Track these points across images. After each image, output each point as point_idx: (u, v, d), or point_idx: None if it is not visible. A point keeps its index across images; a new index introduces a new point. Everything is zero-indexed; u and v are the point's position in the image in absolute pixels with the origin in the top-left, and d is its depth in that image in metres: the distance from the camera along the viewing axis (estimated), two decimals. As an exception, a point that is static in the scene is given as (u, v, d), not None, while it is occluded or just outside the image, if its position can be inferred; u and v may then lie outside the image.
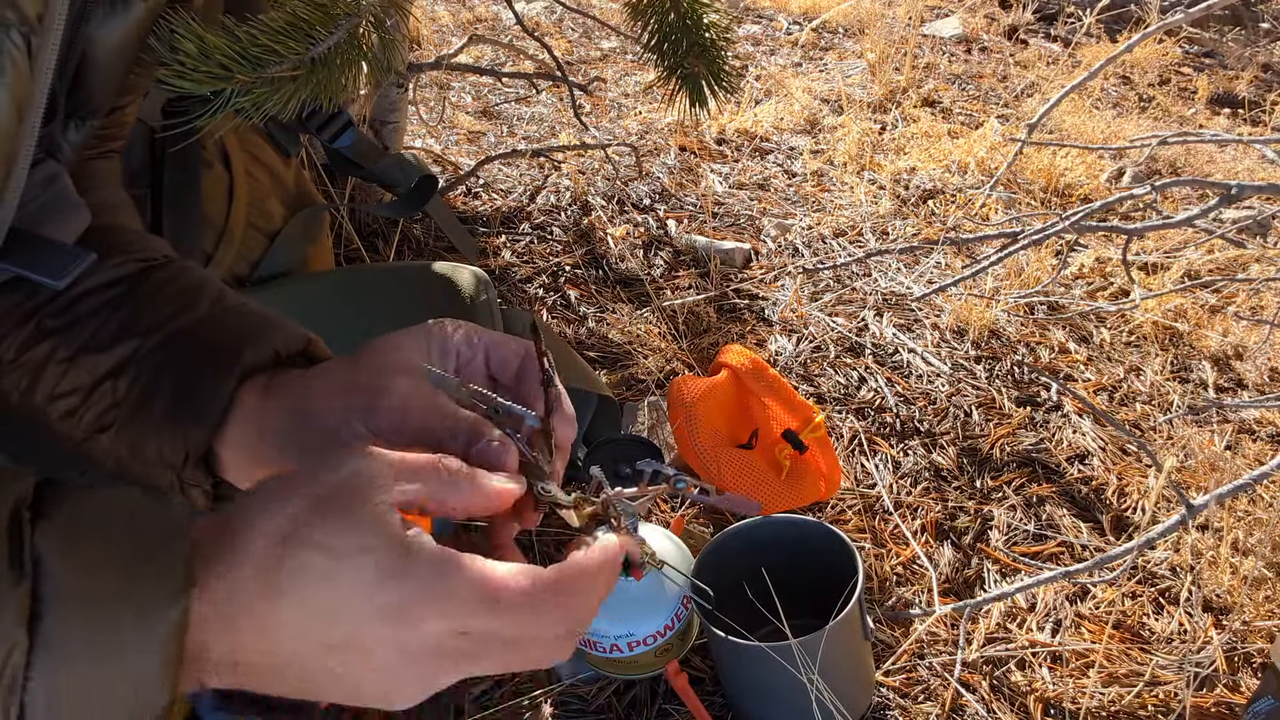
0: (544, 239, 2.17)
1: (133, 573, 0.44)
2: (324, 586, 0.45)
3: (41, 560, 0.43)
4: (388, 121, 2.08)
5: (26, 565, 0.43)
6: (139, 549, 0.44)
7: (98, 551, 0.44)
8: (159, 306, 0.68)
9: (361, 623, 0.45)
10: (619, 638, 1.09)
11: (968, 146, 2.66)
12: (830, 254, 2.20)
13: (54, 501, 0.45)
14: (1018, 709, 1.25)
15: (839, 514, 1.53)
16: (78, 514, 0.45)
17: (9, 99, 0.53)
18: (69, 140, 0.68)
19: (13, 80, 0.53)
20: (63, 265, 0.62)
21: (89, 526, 0.45)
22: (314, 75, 0.61)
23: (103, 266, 0.69)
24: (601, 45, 3.44)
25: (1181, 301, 2.04)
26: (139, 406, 0.65)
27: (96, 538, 0.44)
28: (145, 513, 0.46)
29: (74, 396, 0.66)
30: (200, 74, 0.60)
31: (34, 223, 0.66)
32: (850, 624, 1.13)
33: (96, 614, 0.43)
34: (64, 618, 0.42)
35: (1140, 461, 1.65)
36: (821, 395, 1.76)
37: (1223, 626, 1.36)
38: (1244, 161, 2.78)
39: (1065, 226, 1.36)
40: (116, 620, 0.43)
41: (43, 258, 0.63)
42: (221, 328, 0.67)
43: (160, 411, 0.64)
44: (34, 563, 0.43)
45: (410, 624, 0.45)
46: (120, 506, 0.46)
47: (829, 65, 3.34)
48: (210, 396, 0.63)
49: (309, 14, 0.61)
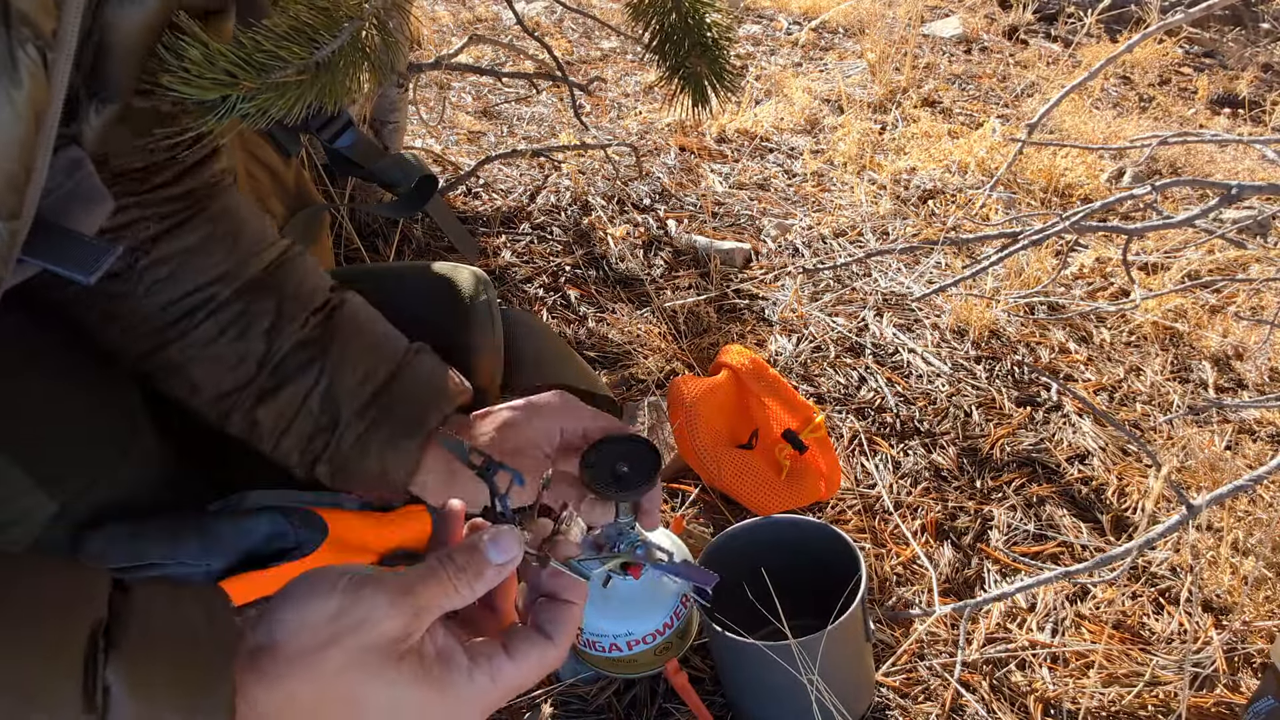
0: (544, 239, 2.18)
1: (184, 707, 0.51)
2: (367, 708, 0.56)
3: (110, 691, 0.49)
4: (388, 121, 2.08)
5: (98, 700, 0.49)
6: (190, 687, 0.51)
7: (159, 685, 0.51)
8: (351, 371, 0.86)
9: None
10: (618, 636, 1.08)
11: (968, 146, 2.66)
12: (830, 254, 2.21)
13: (121, 627, 0.51)
14: (1018, 709, 1.25)
15: (839, 514, 1.53)
16: (144, 642, 0.52)
17: (29, 109, 0.55)
18: (90, 124, 0.70)
19: (31, 91, 0.54)
20: (92, 261, 0.66)
21: (153, 658, 0.51)
22: (319, 79, 0.61)
23: (291, 325, 0.85)
24: (601, 45, 3.44)
25: (1181, 301, 2.04)
26: (355, 458, 0.85)
27: (155, 671, 0.51)
28: (201, 642, 0.53)
29: (295, 445, 0.85)
30: (205, 80, 0.60)
31: (59, 212, 0.67)
32: (852, 625, 1.13)
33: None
34: None
35: (1140, 461, 1.65)
36: (821, 395, 1.76)
37: (1223, 626, 1.36)
38: (1244, 161, 2.78)
39: (1065, 226, 1.36)
40: None
41: (71, 253, 0.66)
42: (409, 395, 0.86)
43: (371, 461, 0.84)
44: (105, 692, 0.49)
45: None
46: (175, 637, 0.53)
47: (829, 65, 3.34)
48: (408, 455, 0.84)
49: (312, 18, 0.61)
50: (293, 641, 0.55)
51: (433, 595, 0.57)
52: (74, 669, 0.49)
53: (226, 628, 0.55)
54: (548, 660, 0.60)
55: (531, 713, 1.22)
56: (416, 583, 0.57)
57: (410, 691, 0.56)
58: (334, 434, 0.85)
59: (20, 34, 0.53)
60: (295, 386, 0.84)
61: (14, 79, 0.53)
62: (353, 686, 0.55)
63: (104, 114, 0.70)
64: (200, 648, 0.53)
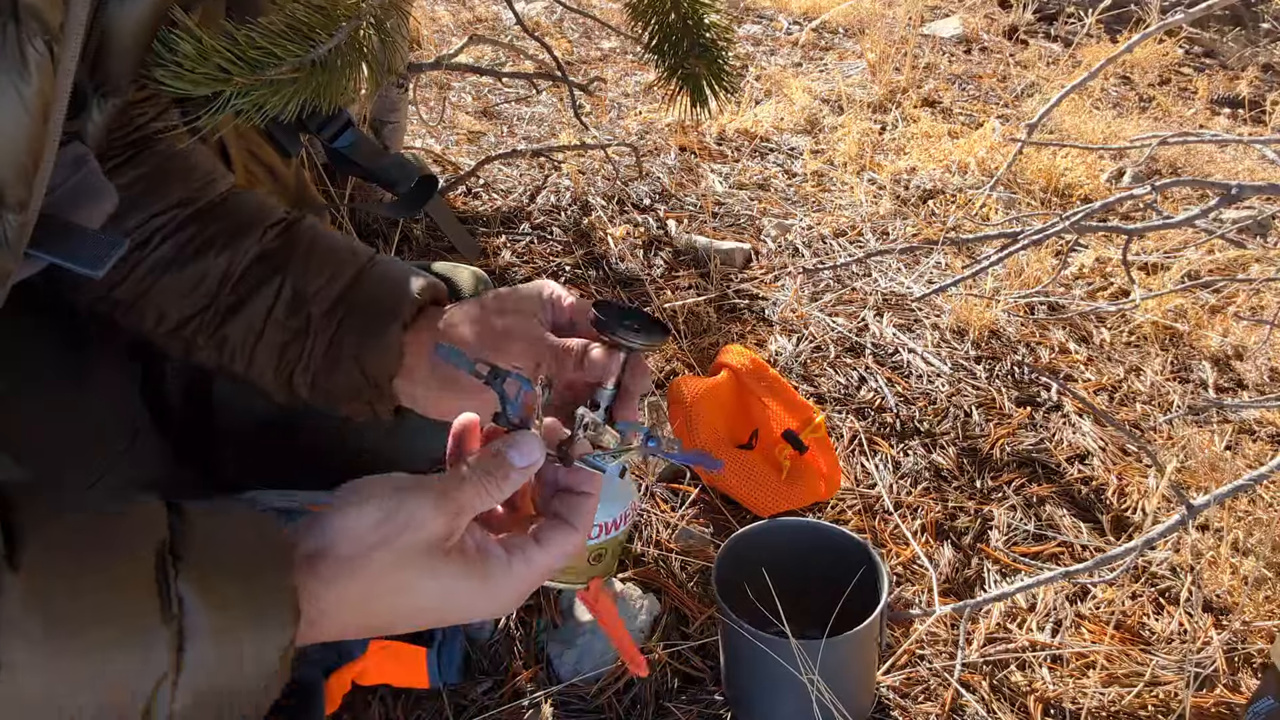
0: (544, 239, 2.18)
1: (253, 610, 0.56)
2: (419, 597, 0.62)
3: (184, 600, 0.54)
4: (388, 121, 2.08)
5: (174, 608, 0.54)
6: (257, 589, 0.57)
7: (226, 591, 0.56)
8: (315, 275, 0.85)
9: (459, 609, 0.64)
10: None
11: (968, 146, 2.66)
12: (830, 254, 2.20)
13: (184, 540, 0.56)
14: (1018, 709, 1.25)
15: (839, 514, 1.53)
16: (206, 554, 0.56)
17: (37, 102, 0.56)
18: (93, 120, 0.71)
19: (39, 85, 0.55)
20: (101, 254, 0.67)
21: (217, 568, 0.56)
22: (314, 77, 0.61)
23: (248, 240, 0.85)
24: (601, 45, 3.44)
25: (1181, 301, 2.04)
26: (330, 363, 0.84)
27: (223, 577, 0.56)
28: (257, 549, 0.58)
29: (268, 360, 0.85)
30: (198, 75, 0.61)
31: (65, 207, 0.68)
32: (868, 634, 1.13)
33: (226, 643, 0.55)
34: (202, 648, 0.54)
35: (1140, 461, 1.65)
36: (821, 395, 1.76)
37: (1223, 626, 1.36)
38: (1244, 161, 2.78)
39: (1065, 226, 1.36)
40: (240, 647, 0.56)
41: (79, 247, 0.67)
42: (376, 290, 0.85)
43: (348, 363, 0.83)
44: (179, 602, 0.54)
45: (497, 599, 0.64)
46: (238, 546, 0.58)
47: (829, 65, 3.34)
48: (385, 349, 0.83)
49: (309, 16, 0.61)
50: (345, 545, 0.60)
51: (469, 498, 0.62)
52: (149, 586, 0.53)
53: (278, 538, 0.59)
54: (570, 545, 0.66)
55: (532, 712, 1.22)
56: (454, 487, 0.62)
57: (457, 583, 0.62)
58: (306, 339, 0.85)
59: (29, 28, 0.53)
60: (259, 298, 0.84)
61: (23, 74, 0.54)
62: (403, 581, 0.60)
63: (106, 109, 0.70)
64: (258, 556, 0.58)
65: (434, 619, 0.65)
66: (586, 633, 1.28)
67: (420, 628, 0.66)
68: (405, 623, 0.64)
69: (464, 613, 0.65)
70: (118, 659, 0.52)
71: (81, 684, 0.52)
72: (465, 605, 0.64)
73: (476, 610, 0.65)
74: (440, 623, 0.66)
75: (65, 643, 0.51)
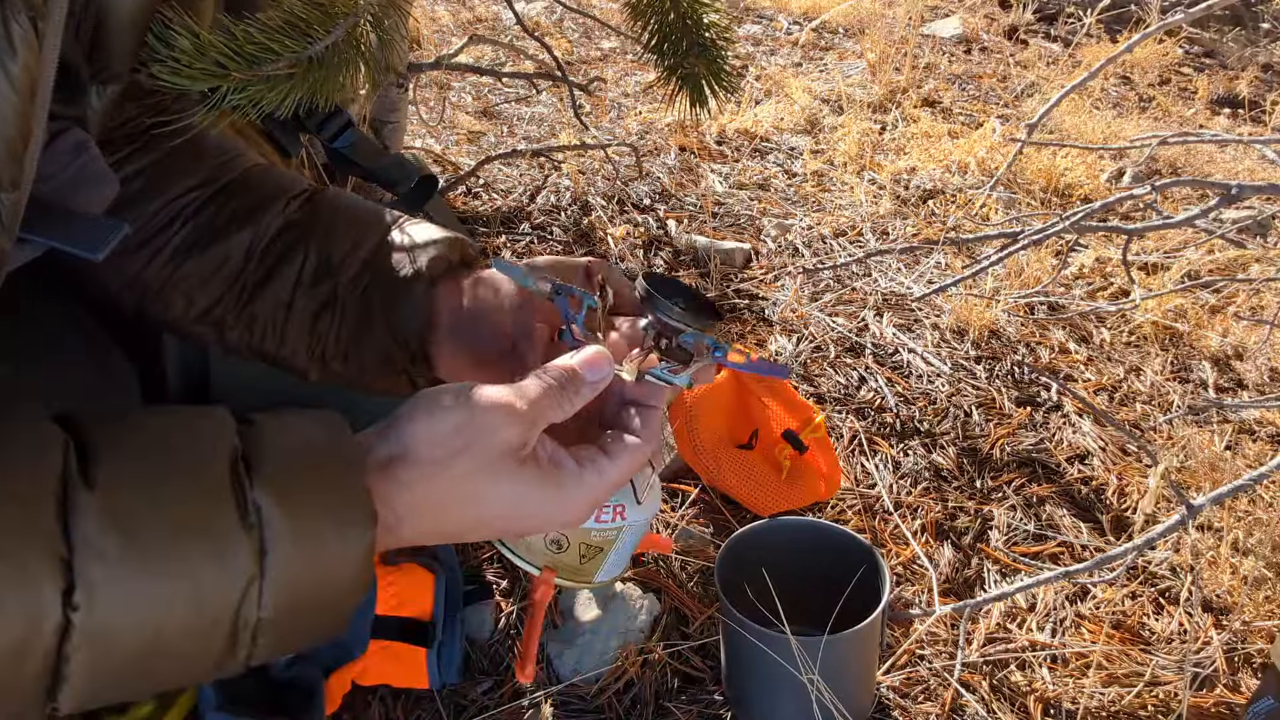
0: (544, 239, 2.17)
1: (332, 513, 0.57)
2: (493, 505, 0.62)
3: (262, 509, 0.55)
4: (388, 121, 2.08)
5: (252, 516, 0.54)
6: (332, 497, 0.57)
7: (302, 499, 0.56)
8: (340, 241, 0.84)
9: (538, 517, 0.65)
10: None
11: (968, 146, 2.66)
12: (830, 254, 2.20)
13: (256, 450, 0.57)
14: (1018, 709, 1.25)
15: (839, 514, 1.52)
16: (279, 464, 0.57)
17: (24, 78, 0.56)
18: (93, 107, 0.70)
19: (25, 60, 0.55)
20: (100, 237, 0.67)
21: (290, 473, 0.57)
22: (311, 74, 0.61)
23: (270, 213, 0.84)
24: (601, 45, 3.44)
25: (1181, 301, 2.04)
26: (360, 329, 0.83)
27: (298, 486, 0.57)
28: (329, 452, 0.59)
29: (300, 336, 0.84)
30: (195, 70, 0.60)
31: (65, 194, 0.67)
32: (870, 633, 1.13)
33: (307, 546, 0.56)
34: (285, 553, 0.55)
35: (1140, 461, 1.65)
36: (821, 395, 1.76)
37: (1223, 626, 1.36)
38: (1244, 161, 2.78)
39: (1065, 226, 1.36)
40: (321, 550, 0.56)
41: (78, 230, 0.67)
42: (401, 251, 0.83)
43: (378, 326, 0.83)
44: (257, 511, 0.55)
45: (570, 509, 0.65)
46: (306, 450, 0.58)
47: (829, 65, 3.34)
48: (413, 306, 0.82)
49: (307, 13, 0.61)
50: (423, 450, 0.60)
51: (543, 409, 0.63)
52: (225, 495, 0.54)
53: (350, 441, 0.60)
54: (639, 457, 0.67)
55: (532, 712, 1.21)
56: (528, 398, 0.63)
57: (531, 490, 0.62)
58: (335, 308, 0.84)
59: (13, 5, 0.53)
60: (285, 271, 0.83)
61: (9, 49, 0.54)
62: (478, 487, 0.61)
63: (106, 96, 0.70)
64: (331, 461, 0.58)
65: (505, 527, 0.66)
66: (586, 633, 1.28)
67: (490, 537, 0.68)
68: (477, 531, 0.65)
69: (536, 522, 0.65)
70: (201, 571, 0.53)
71: (164, 600, 0.52)
72: (538, 514, 0.64)
73: (549, 519, 0.65)
74: (509, 532, 0.68)
75: (145, 560, 0.52)
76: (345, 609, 0.60)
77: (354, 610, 0.60)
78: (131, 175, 0.82)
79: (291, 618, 0.57)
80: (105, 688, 0.54)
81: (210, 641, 0.55)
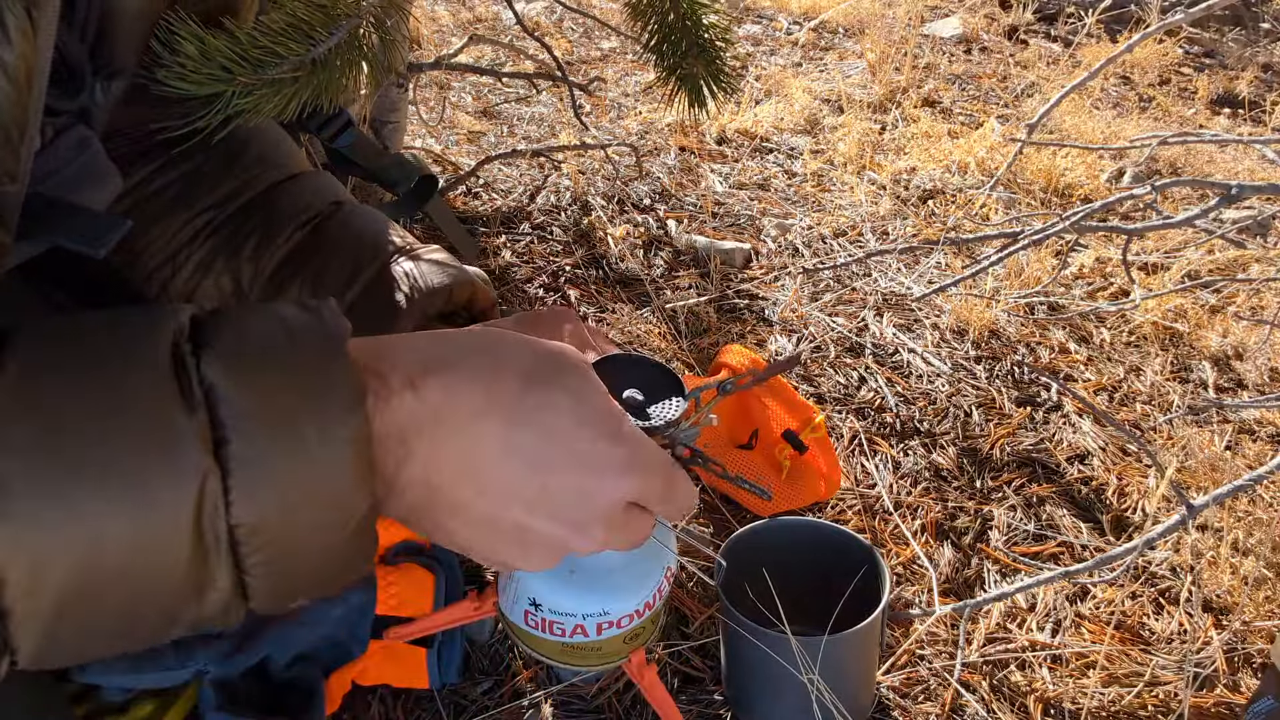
0: (544, 239, 2.17)
1: (307, 387, 0.46)
2: (558, 429, 0.52)
3: (214, 388, 0.45)
4: (388, 121, 2.08)
5: (197, 395, 0.44)
6: (307, 365, 0.47)
7: (267, 371, 0.46)
8: (333, 276, 0.79)
9: (578, 469, 0.53)
10: (589, 617, 0.80)
11: (968, 146, 2.66)
12: (830, 254, 2.20)
13: (212, 330, 0.47)
14: (1018, 709, 1.25)
15: (839, 514, 1.53)
16: (239, 338, 0.46)
17: (20, 68, 0.55)
18: (97, 103, 0.70)
19: (21, 48, 0.54)
20: (102, 234, 0.64)
21: (253, 348, 0.46)
22: (315, 76, 0.61)
23: (274, 243, 0.82)
24: (601, 45, 3.44)
25: (1181, 301, 2.04)
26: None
27: (262, 358, 0.46)
28: (303, 327, 0.48)
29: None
30: (201, 75, 0.60)
31: (67, 191, 0.67)
32: (869, 633, 1.13)
33: (279, 431, 0.45)
34: (250, 438, 0.44)
35: (1140, 462, 1.65)
36: (821, 395, 1.76)
37: (1223, 626, 1.36)
38: (1244, 161, 2.78)
39: (1065, 226, 1.36)
40: (300, 434, 0.45)
41: (80, 227, 0.65)
42: (387, 296, 0.77)
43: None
44: (206, 392, 0.44)
45: (613, 483, 0.54)
46: (276, 324, 0.48)
47: (829, 65, 3.34)
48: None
49: (309, 15, 0.61)
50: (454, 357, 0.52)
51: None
52: (163, 372, 0.44)
53: (336, 317, 0.49)
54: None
55: (532, 712, 1.21)
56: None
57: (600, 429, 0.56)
58: None
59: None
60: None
61: (4, 39, 0.53)
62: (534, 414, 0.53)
63: (111, 92, 0.70)
64: (308, 334, 0.48)
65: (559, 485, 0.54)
66: (586, 633, 1.28)
67: (533, 514, 0.55)
68: (518, 493, 0.53)
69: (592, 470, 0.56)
70: (137, 465, 0.43)
71: (95, 501, 0.43)
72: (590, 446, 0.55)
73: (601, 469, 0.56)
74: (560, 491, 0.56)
75: (65, 454, 0.42)
76: (351, 523, 0.48)
77: (366, 532, 0.49)
78: (163, 187, 0.81)
79: (281, 531, 0.46)
80: (63, 629, 0.44)
81: (169, 557, 0.44)
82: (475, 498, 0.51)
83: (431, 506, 0.52)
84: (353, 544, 0.49)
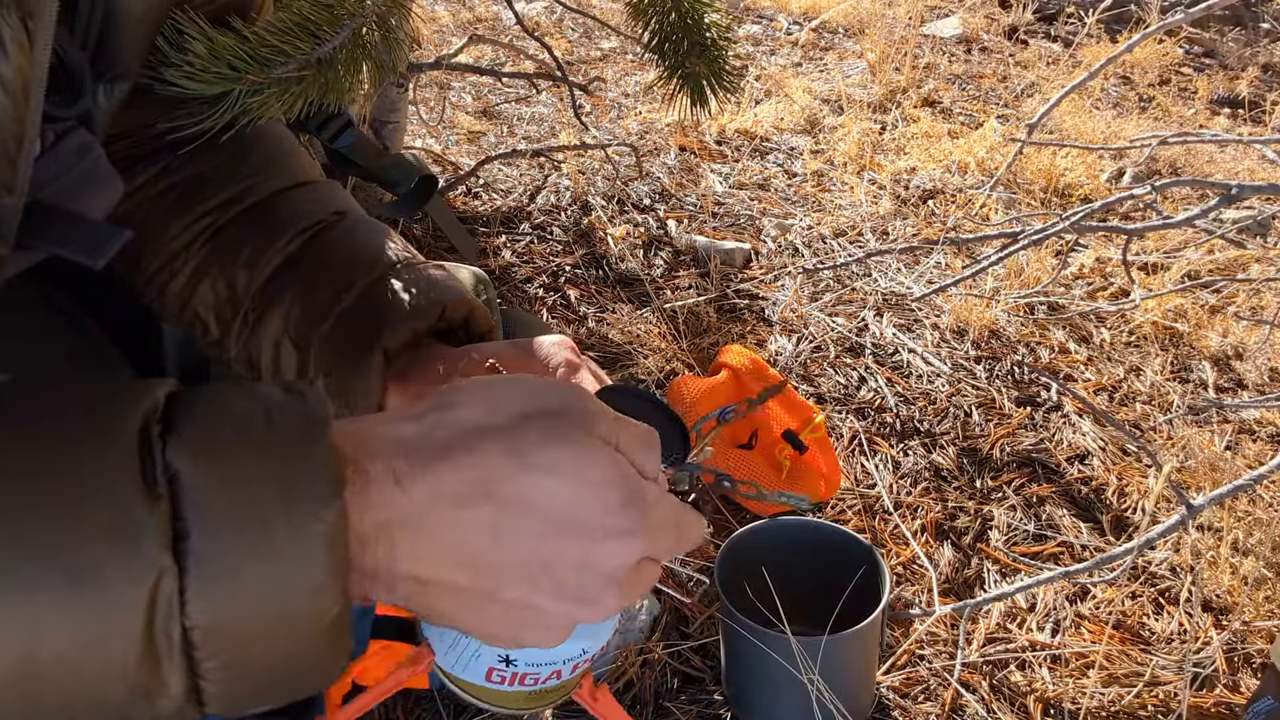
0: (544, 239, 2.18)
1: (280, 475, 0.42)
2: (556, 504, 0.47)
3: (178, 476, 0.41)
4: (388, 121, 2.08)
5: (160, 483, 0.40)
6: (283, 449, 0.43)
7: (237, 458, 0.42)
8: (323, 289, 0.77)
9: (583, 541, 0.48)
10: (568, 660, 0.75)
11: (968, 146, 2.66)
12: (830, 254, 2.21)
13: (185, 411, 0.43)
14: (1018, 709, 1.25)
15: (839, 514, 1.53)
16: (212, 420, 0.43)
17: (17, 80, 0.54)
18: (99, 106, 0.69)
19: (17, 60, 0.53)
20: (101, 244, 0.62)
21: (225, 433, 0.43)
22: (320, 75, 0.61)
23: (272, 249, 0.79)
24: (601, 45, 3.44)
25: (1181, 301, 2.04)
26: (335, 391, 0.75)
27: (234, 443, 0.42)
28: (283, 408, 0.44)
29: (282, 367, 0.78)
30: (209, 75, 0.60)
31: (68, 197, 0.66)
32: (870, 633, 1.13)
33: (245, 524, 0.41)
34: (211, 532, 0.40)
35: (1140, 461, 1.65)
36: (821, 395, 1.76)
37: (1223, 626, 1.36)
38: (1244, 161, 2.78)
39: (1065, 226, 1.36)
40: (268, 527, 0.41)
41: (79, 237, 0.63)
42: (373, 312, 0.75)
43: (338, 398, 0.74)
44: (170, 479, 0.41)
45: (623, 547, 0.50)
46: (255, 406, 0.44)
47: (829, 65, 3.34)
48: (366, 391, 0.73)
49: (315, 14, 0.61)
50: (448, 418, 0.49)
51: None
52: (128, 457, 0.41)
53: (318, 399, 0.45)
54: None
55: (532, 713, 1.21)
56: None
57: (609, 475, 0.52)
58: (312, 363, 0.76)
59: (3, 4, 0.52)
60: (276, 313, 0.77)
61: (1, 51, 0.52)
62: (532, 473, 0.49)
63: (114, 96, 0.69)
64: (287, 416, 0.44)
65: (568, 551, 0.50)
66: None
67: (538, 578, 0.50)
68: (522, 563, 0.48)
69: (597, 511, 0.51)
70: (93, 563, 0.39)
71: (41, 598, 0.38)
72: (601, 517, 0.51)
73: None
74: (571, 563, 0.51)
75: (17, 539, 0.39)
76: (321, 624, 0.43)
77: (339, 633, 0.45)
78: (165, 190, 0.81)
79: (242, 633, 0.42)
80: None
81: (116, 658, 0.40)
82: (471, 582, 0.48)
83: (424, 594, 0.48)
84: (324, 646, 0.44)
